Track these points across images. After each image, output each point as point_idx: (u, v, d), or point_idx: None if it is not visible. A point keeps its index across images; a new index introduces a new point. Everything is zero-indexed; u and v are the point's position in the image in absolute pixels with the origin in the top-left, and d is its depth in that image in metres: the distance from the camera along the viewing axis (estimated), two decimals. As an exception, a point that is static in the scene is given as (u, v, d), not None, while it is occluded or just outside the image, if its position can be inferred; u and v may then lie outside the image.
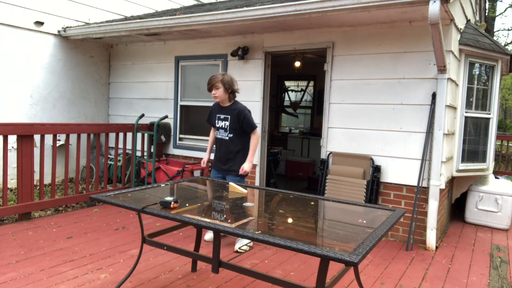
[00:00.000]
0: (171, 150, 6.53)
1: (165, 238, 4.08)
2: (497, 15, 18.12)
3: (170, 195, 3.01)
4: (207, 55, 6.07)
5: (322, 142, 5.09)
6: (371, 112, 4.72)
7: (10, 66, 5.98)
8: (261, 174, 5.61)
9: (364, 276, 3.54)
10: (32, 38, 6.19)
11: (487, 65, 5.12)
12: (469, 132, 5.03)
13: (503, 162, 9.30)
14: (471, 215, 5.48)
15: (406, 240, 4.53)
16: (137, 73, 6.97)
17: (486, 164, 5.31)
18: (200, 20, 5.00)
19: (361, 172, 4.67)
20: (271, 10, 4.43)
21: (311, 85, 10.12)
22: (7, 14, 5.85)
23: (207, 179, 3.65)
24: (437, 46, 3.81)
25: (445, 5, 3.63)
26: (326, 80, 5.02)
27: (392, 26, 4.55)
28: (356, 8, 3.90)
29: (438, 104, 4.25)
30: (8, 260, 3.48)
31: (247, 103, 5.69)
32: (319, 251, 1.85)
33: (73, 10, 6.63)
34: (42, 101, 6.41)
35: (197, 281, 3.26)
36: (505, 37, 25.38)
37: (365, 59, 4.75)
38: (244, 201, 2.88)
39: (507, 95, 18.74)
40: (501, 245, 4.64)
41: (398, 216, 2.54)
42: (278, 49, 5.42)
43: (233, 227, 2.16)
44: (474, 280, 3.58)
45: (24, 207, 4.64)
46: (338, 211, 2.84)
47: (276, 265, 3.68)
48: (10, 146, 5.77)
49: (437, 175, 4.27)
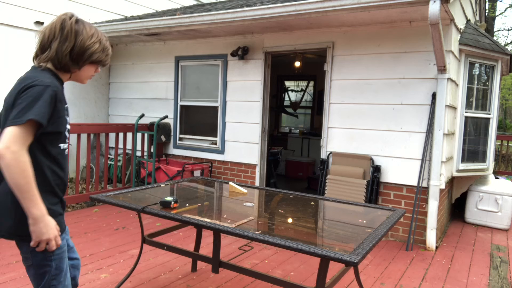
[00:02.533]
0: (171, 150, 6.53)
1: (165, 238, 4.08)
2: (497, 15, 18.12)
3: (170, 195, 3.01)
4: (207, 55, 6.07)
5: (322, 142, 5.09)
6: (371, 112, 4.72)
7: (10, 66, 5.98)
8: (261, 174, 5.61)
9: (364, 276, 3.54)
10: (32, 38, 6.17)
11: (487, 65, 5.11)
12: (469, 132, 5.03)
13: (503, 162, 9.30)
14: (471, 215, 5.48)
15: (406, 240, 4.53)
16: (137, 73, 6.97)
17: (486, 164, 5.31)
18: (200, 20, 5.00)
19: (361, 172, 4.67)
20: (271, 10, 4.42)
21: (311, 85, 10.12)
22: (7, 14, 5.85)
23: (207, 179, 3.65)
24: (437, 46, 3.81)
25: (445, 5, 3.63)
26: (326, 80, 5.02)
27: (392, 26, 4.55)
28: (356, 8, 3.90)
29: (438, 104, 4.25)
30: (8, 260, 3.48)
31: (247, 103, 5.74)
32: (319, 251, 1.85)
33: (73, 10, 6.57)
34: (42, 101, 6.40)
35: (197, 281, 3.26)
36: (505, 37, 25.38)
37: (365, 59, 4.75)
38: (244, 201, 2.88)
39: (507, 95, 18.73)
40: (501, 245, 4.64)
41: (398, 216, 2.54)
42: (278, 49, 5.41)
43: (233, 227, 2.16)
44: (474, 280, 3.58)
45: (24, 207, 4.63)
46: (338, 211, 2.85)
47: (276, 265, 3.68)
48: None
49: (437, 175, 4.27)
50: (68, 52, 1.65)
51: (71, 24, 1.67)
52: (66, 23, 1.67)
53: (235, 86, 5.80)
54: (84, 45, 1.68)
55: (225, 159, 5.90)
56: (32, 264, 1.63)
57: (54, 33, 1.66)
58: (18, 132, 1.46)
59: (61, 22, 1.68)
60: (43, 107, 1.50)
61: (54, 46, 1.64)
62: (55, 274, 1.65)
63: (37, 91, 1.52)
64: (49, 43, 1.65)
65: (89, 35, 1.70)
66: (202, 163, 5.97)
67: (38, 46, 1.69)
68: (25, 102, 1.50)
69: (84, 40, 1.68)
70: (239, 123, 5.76)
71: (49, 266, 1.64)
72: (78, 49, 1.67)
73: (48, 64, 1.67)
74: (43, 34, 1.67)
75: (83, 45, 1.68)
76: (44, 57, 1.66)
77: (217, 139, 6.01)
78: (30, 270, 1.65)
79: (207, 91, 6.16)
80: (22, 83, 1.56)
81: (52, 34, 1.66)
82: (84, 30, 1.69)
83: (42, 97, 1.52)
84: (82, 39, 1.68)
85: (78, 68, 1.72)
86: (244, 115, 5.70)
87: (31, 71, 1.66)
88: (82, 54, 1.69)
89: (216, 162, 5.99)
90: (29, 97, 1.51)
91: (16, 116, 1.48)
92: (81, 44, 1.67)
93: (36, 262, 1.62)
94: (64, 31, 1.65)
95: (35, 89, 1.52)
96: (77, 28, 1.68)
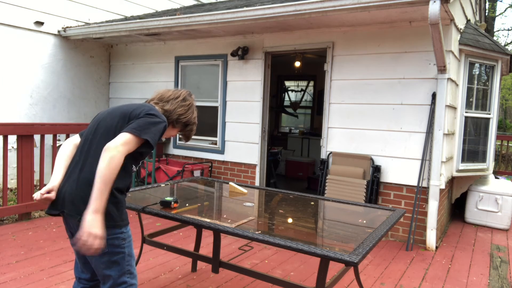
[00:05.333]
0: (171, 150, 6.53)
1: (165, 238, 4.08)
2: (497, 15, 18.12)
3: (170, 195, 3.01)
4: (207, 55, 6.07)
5: (322, 142, 5.09)
6: (371, 112, 4.72)
7: (10, 66, 5.98)
8: (261, 174, 5.61)
9: (364, 276, 3.54)
10: (32, 38, 6.19)
11: (487, 65, 5.11)
12: (469, 132, 5.03)
13: (503, 162, 9.30)
14: (471, 215, 5.48)
15: (406, 240, 4.53)
16: (137, 73, 6.97)
17: (486, 164, 5.31)
18: (200, 20, 5.00)
19: (361, 172, 4.67)
20: (271, 10, 4.42)
21: (311, 85, 10.11)
22: (7, 14, 5.84)
23: (207, 179, 3.65)
24: (437, 46, 3.81)
25: (445, 5, 3.63)
26: (326, 80, 5.02)
27: (392, 26, 4.55)
28: (356, 8, 3.90)
29: (438, 104, 4.25)
30: (8, 260, 3.48)
31: (247, 103, 5.74)
32: (319, 251, 1.85)
33: (73, 10, 6.63)
34: (42, 101, 6.41)
35: (197, 281, 3.26)
36: (505, 37, 25.38)
37: (365, 59, 4.75)
38: (244, 201, 2.88)
39: (507, 95, 18.73)
40: (501, 245, 4.64)
41: (398, 216, 2.54)
42: (278, 49, 5.41)
43: (233, 227, 2.16)
44: (474, 280, 3.58)
45: (24, 207, 4.63)
46: (338, 211, 2.84)
47: (276, 265, 3.67)
48: (10, 146, 5.77)
49: (437, 175, 4.27)
50: (178, 114, 2.07)
51: (192, 100, 2.17)
52: (189, 98, 2.16)
53: (235, 86, 5.80)
54: (191, 119, 2.14)
55: (225, 159, 5.90)
56: (107, 251, 1.78)
57: (177, 97, 2.10)
58: (131, 140, 1.78)
59: (186, 94, 2.15)
60: (157, 135, 1.86)
61: (174, 103, 2.07)
62: (129, 260, 1.88)
63: (158, 121, 1.89)
64: (169, 99, 2.08)
65: (195, 115, 2.18)
66: (202, 163, 5.97)
67: (157, 97, 2.10)
68: (147, 122, 1.85)
69: (191, 116, 2.15)
70: (239, 123, 5.76)
71: (122, 253, 1.85)
72: (186, 119, 2.12)
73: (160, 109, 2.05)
74: (166, 91, 2.13)
75: (189, 119, 2.13)
76: (160, 105, 2.06)
77: (217, 139, 6.01)
78: (103, 257, 1.80)
79: (207, 91, 6.16)
80: (149, 109, 1.92)
81: (174, 96, 2.10)
82: (194, 110, 2.17)
83: (158, 126, 1.88)
84: (191, 115, 2.14)
85: (172, 126, 2.11)
86: (244, 115, 5.69)
87: (154, 107, 2.02)
88: (185, 123, 2.13)
89: (216, 162, 5.99)
90: (151, 121, 1.87)
91: (136, 128, 1.80)
92: (188, 117, 2.12)
93: (111, 249, 1.80)
94: (186, 101, 2.12)
95: (157, 119, 1.89)
96: (194, 106, 2.18)
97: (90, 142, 1.89)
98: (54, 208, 1.86)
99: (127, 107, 1.96)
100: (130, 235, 1.91)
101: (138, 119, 1.86)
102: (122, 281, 1.86)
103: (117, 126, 1.87)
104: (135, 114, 1.89)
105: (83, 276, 2.01)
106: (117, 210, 1.84)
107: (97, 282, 2.01)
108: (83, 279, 2.01)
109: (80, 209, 1.75)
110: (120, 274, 1.85)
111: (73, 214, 1.79)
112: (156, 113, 1.92)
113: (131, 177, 1.98)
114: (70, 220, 1.84)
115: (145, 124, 1.84)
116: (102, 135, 1.87)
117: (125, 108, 1.95)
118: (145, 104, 2.02)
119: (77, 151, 1.94)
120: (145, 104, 2.02)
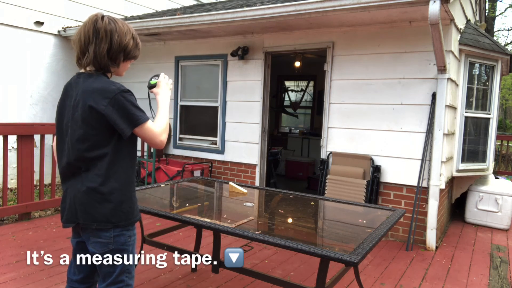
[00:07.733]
0: (171, 150, 6.53)
1: (165, 238, 4.08)
2: (497, 15, 18.12)
3: (170, 195, 3.01)
4: (207, 55, 6.06)
5: (322, 142, 5.09)
6: (371, 112, 4.72)
7: (10, 66, 5.98)
8: (261, 174, 5.61)
9: (364, 276, 3.54)
10: (32, 38, 6.19)
11: (487, 65, 5.11)
12: (469, 132, 5.03)
13: (503, 162, 9.30)
14: (471, 215, 5.48)
15: (406, 240, 4.53)
16: (137, 73, 6.95)
17: (486, 164, 5.31)
18: (200, 20, 5.00)
19: (361, 172, 4.67)
20: (271, 10, 4.42)
21: (311, 85, 10.11)
22: (7, 14, 5.84)
23: (207, 179, 3.65)
24: (437, 46, 3.81)
25: (445, 5, 3.63)
26: (326, 80, 5.01)
27: (392, 26, 4.55)
28: (356, 8, 3.90)
29: (438, 104, 4.25)
30: (8, 260, 3.48)
31: (247, 103, 5.74)
32: (319, 251, 1.85)
33: (73, 10, 6.63)
34: (42, 101, 6.40)
35: (197, 281, 3.26)
36: (505, 37, 25.33)
37: (365, 59, 4.75)
38: (244, 201, 2.88)
39: (507, 95, 18.72)
40: (501, 245, 4.64)
41: (398, 216, 2.54)
42: (278, 49, 5.41)
43: (233, 227, 2.16)
44: (474, 280, 3.58)
45: (24, 207, 4.63)
46: (338, 211, 2.85)
47: (276, 265, 3.67)
48: (10, 146, 5.76)
49: (437, 175, 4.27)
50: (105, 53, 1.69)
51: (104, 25, 1.70)
52: (99, 25, 1.69)
53: (235, 86, 5.80)
54: (121, 44, 1.72)
55: (225, 159, 5.90)
56: (113, 248, 1.80)
57: (89, 37, 1.69)
58: (147, 127, 1.82)
59: (93, 24, 1.70)
60: (136, 104, 1.80)
61: (92, 50, 1.68)
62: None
63: (127, 97, 1.73)
64: (87, 47, 1.70)
65: (123, 33, 1.73)
66: (202, 163, 5.97)
67: (77, 50, 1.73)
68: (128, 108, 1.73)
69: (119, 39, 1.71)
70: (239, 123, 5.76)
71: (127, 250, 1.84)
72: (115, 49, 1.71)
73: (89, 67, 1.73)
74: (78, 38, 1.72)
75: (120, 44, 1.72)
76: (84, 61, 1.72)
77: (217, 139, 6.01)
78: (109, 253, 1.81)
79: (207, 91, 6.16)
80: (102, 96, 1.70)
81: (87, 38, 1.69)
82: (117, 28, 1.71)
83: (131, 98, 1.77)
84: (117, 39, 1.71)
85: (117, 66, 1.78)
86: (244, 115, 5.69)
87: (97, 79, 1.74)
88: (119, 53, 1.73)
89: (216, 162, 5.99)
90: (126, 104, 1.73)
91: (134, 119, 1.75)
92: (117, 44, 1.71)
93: (117, 246, 1.80)
94: (100, 34, 1.68)
95: (127, 96, 1.72)
96: (110, 28, 1.70)
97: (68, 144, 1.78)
98: (69, 221, 1.84)
99: (76, 103, 1.75)
100: (135, 234, 1.92)
101: (117, 112, 1.67)
102: (120, 279, 1.86)
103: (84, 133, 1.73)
104: (101, 108, 1.67)
105: (75, 278, 2.00)
106: (131, 206, 1.84)
107: (89, 285, 2.00)
108: (75, 281, 2.00)
109: (94, 216, 1.75)
110: (120, 272, 1.85)
111: (88, 223, 1.78)
112: (109, 90, 1.66)
113: (135, 165, 1.92)
114: (87, 231, 1.81)
115: (130, 110, 1.71)
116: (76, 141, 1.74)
117: (79, 109, 1.73)
118: (88, 89, 1.70)
119: (62, 154, 1.83)
120: (88, 89, 1.70)
